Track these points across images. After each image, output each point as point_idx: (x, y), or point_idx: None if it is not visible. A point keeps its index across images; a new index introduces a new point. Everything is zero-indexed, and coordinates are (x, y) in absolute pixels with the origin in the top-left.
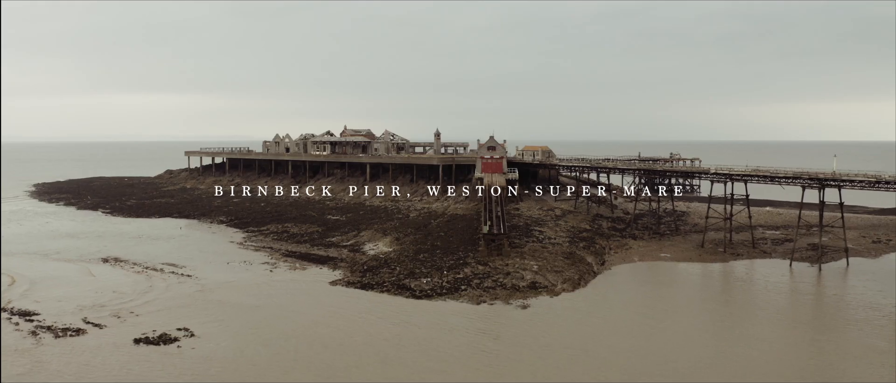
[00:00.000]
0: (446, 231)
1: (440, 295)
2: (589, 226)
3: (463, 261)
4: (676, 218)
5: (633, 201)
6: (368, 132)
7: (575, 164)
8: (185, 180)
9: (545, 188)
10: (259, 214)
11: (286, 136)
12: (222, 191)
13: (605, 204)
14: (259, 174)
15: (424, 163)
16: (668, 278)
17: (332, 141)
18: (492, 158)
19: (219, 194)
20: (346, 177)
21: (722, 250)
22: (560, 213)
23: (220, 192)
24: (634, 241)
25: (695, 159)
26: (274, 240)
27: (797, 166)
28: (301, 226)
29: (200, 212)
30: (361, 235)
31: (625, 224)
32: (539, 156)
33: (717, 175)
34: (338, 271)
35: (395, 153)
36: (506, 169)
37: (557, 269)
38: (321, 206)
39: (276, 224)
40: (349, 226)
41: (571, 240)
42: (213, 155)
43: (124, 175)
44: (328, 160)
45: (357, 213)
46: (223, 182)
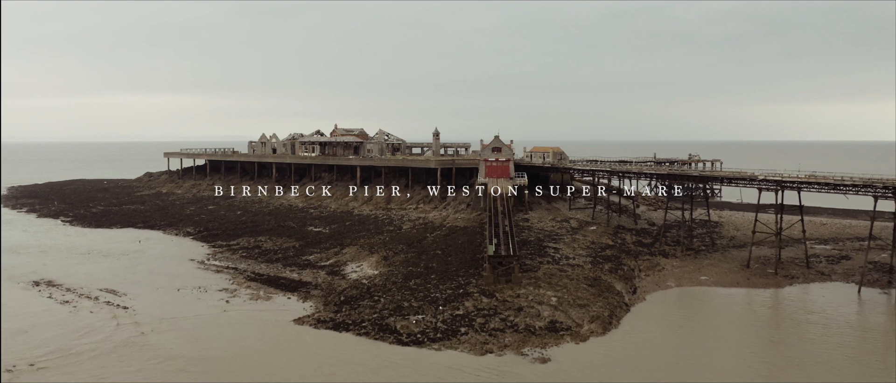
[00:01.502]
0: (444, 248)
1: (433, 341)
2: (611, 241)
3: (463, 290)
4: (710, 230)
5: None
6: (361, 131)
7: (592, 168)
8: (164, 184)
9: (557, 194)
10: (232, 225)
11: (273, 136)
12: (198, 197)
13: (626, 213)
14: (241, 177)
15: (421, 166)
16: (717, 312)
17: (322, 141)
18: (497, 161)
19: (194, 200)
20: (334, 181)
21: (772, 271)
22: (576, 225)
23: (196, 198)
24: (666, 260)
25: (715, 161)
26: (241, 259)
27: (863, 172)
28: (276, 241)
29: (168, 222)
30: (344, 253)
31: (652, 237)
32: (550, 159)
33: (767, 182)
34: (309, 302)
35: (390, 154)
36: (513, 173)
37: (582, 302)
38: (303, 215)
39: (248, 237)
40: (331, 240)
41: (594, 259)
42: (193, 156)
43: (116, 176)
44: (315, 162)
45: (342, 224)
46: (202, 186)
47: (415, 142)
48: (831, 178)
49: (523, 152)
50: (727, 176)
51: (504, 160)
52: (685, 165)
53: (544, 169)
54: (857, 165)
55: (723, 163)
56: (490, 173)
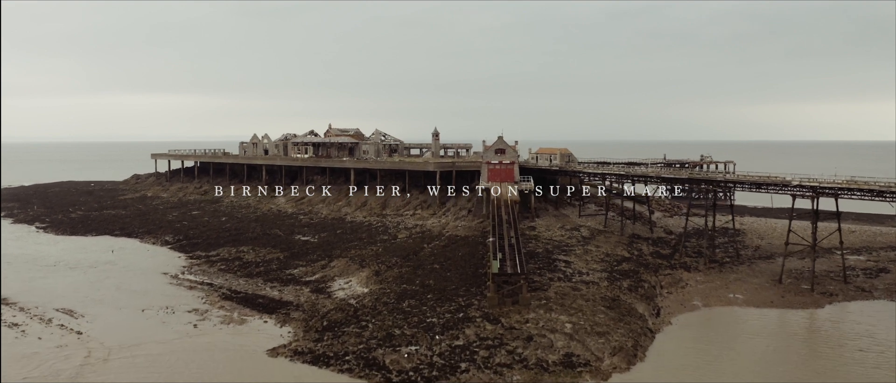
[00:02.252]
0: (443, 261)
1: (429, 381)
2: (627, 252)
3: (464, 314)
4: (732, 238)
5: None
6: (357, 132)
7: (604, 172)
8: (150, 186)
9: (564, 198)
10: (214, 233)
11: (264, 137)
12: (183, 201)
13: (641, 220)
14: (230, 180)
15: (419, 169)
16: (753, 339)
17: (315, 142)
18: (501, 164)
19: (178, 204)
20: (326, 184)
21: (806, 287)
22: (588, 234)
23: (181, 202)
24: (688, 274)
25: (729, 162)
26: (219, 272)
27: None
28: (260, 251)
29: (147, 229)
30: (332, 266)
31: (671, 248)
32: (557, 161)
33: (802, 188)
34: (287, 328)
35: (387, 156)
36: (518, 176)
37: (601, 330)
38: (292, 222)
39: (230, 247)
40: (320, 251)
41: (610, 275)
42: (181, 158)
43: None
44: (307, 164)
45: (333, 233)
46: (189, 189)
47: (413, 143)
48: (875, 185)
49: (528, 154)
50: (756, 180)
51: (508, 163)
52: (697, 167)
53: (551, 172)
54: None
55: (736, 165)
56: (493, 177)
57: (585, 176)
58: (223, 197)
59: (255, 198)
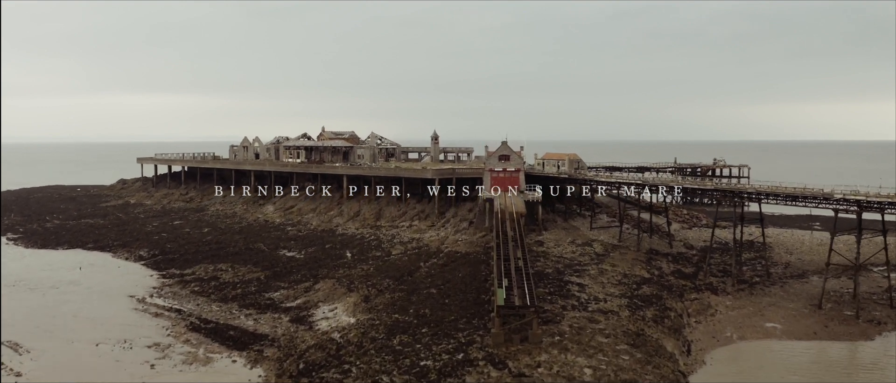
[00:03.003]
0: (440, 284)
1: None
2: (646, 271)
3: (464, 354)
4: (759, 253)
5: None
6: (352, 135)
7: (619, 180)
8: (136, 192)
9: (574, 209)
10: (193, 247)
11: (255, 140)
12: (167, 209)
13: (658, 233)
14: (218, 186)
15: (416, 176)
16: (802, 380)
17: (307, 146)
18: (505, 171)
19: (161, 212)
20: (318, 192)
21: (850, 313)
22: (601, 250)
23: (164, 210)
24: (716, 297)
25: (742, 166)
26: (191, 295)
27: None
28: (239, 270)
29: (123, 242)
30: (317, 289)
31: (693, 265)
32: (566, 167)
33: (846, 202)
34: (258, 369)
35: (383, 161)
36: (523, 186)
37: (627, 376)
38: (278, 234)
39: (208, 263)
40: (305, 269)
41: (630, 301)
42: (167, 162)
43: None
44: (297, 170)
45: (321, 248)
46: (174, 196)
47: (411, 147)
48: None
49: (534, 159)
50: (792, 193)
51: (513, 170)
52: (710, 172)
53: (560, 180)
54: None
55: (750, 169)
56: (497, 185)
57: (598, 185)
58: (209, 205)
59: (242, 206)
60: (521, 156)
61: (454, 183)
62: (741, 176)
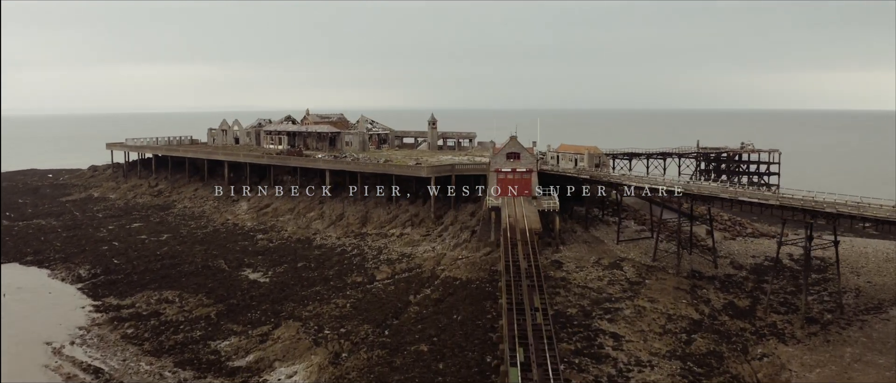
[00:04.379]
0: (435, 336)
1: None
2: (694, 309)
3: None
4: (820, 274)
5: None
6: (340, 118)
7: (652, 185)
8: (104, 181)
9: (593, 212)
10: (144, 262)
11: (235, 123)
12: (130, 205)
13: (698, 247)
14: (189, 177)
15: (410, 174)
16: None
17: (290, 131)
18: (514, 173)
19: (122, 211)
20: (297, 188)
21: None
22: (634, 275)
23: (127, 207)
24: (785, 348)
25: (773, 151)
26: (121, 342)
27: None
28: (188, 301)
29: (66, 253)
30: (276, 337)
31: (746, 294)
32: (584, 162)
33: None
34: None
35: (375, 147)
36: (537, 189)
37: None
38: (245, 245)
39: (155, 289)
40: (267, 303)
41: (683, 365)
42: (138, 149)
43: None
44: (275, 162)
45: (292, 266)
46: (142, 188)
47: (406, 131)
48: None
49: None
50: (886, 217)
51: (524, 171)
52: (736, 156)
53: (578, 180)
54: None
55: (780, 153)
56: (505, 190)
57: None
58: (177, 200)
59: (213, 202)
60: (532, 154)
61: (453, 181)
62: (772, 161)
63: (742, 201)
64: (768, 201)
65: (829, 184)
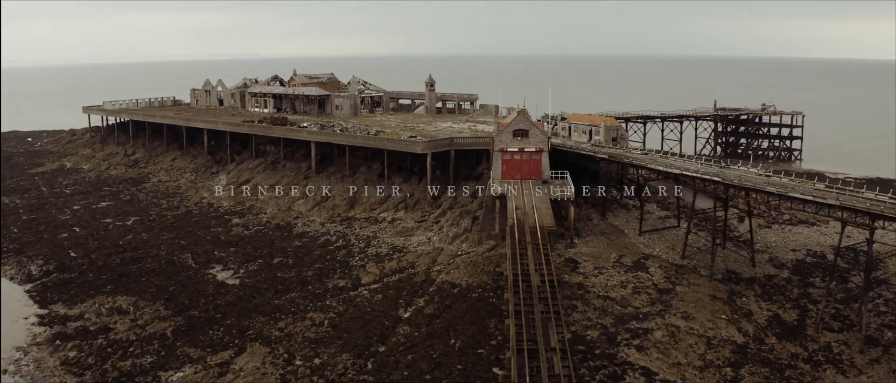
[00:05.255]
0: (428, 368)
1: None
2: (736, 329)
3: None
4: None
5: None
6: (330, 78)
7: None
8: (81, 147)
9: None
10: (103, 255)
11: (219, 84)
12: (101, 178)
13: (730, 238)
14: (168, 145)
15: (404, 150)
16: None
17: (276, 93)
18: (522, 153)
19: (92, 186)
20: (280, 160)
21: None
22: (662, 280)
23: (98, 181)
24: (845, 380)
25: (796, 114)
26: (59, 369)
27: None
28: (144, 311)
29: (21, 242)
30: (237, 368)
31: (792, 303)
32: (600, 136)
33: None
34: None
35: (368, 112)
36: (548, 172)
37: None
38: (218, 232)
39: (109, 294)
40: (234, 315)
41: None
42: (115, 113)
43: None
44: (256, 132)
45: (268, 262)
46: (118, 157)
47: (401, 92)
48: None
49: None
50: None
51: (533, 151)
52: (757, 118)
53: (595, 158)
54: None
55: (804, 116)
56: (511, 172)
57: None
58: (153, 172)
59: (191, 174)
60: (542, 130)
61: (452, 158)
62: (794, 124)
63: (793, 197)
64: (826, 199)
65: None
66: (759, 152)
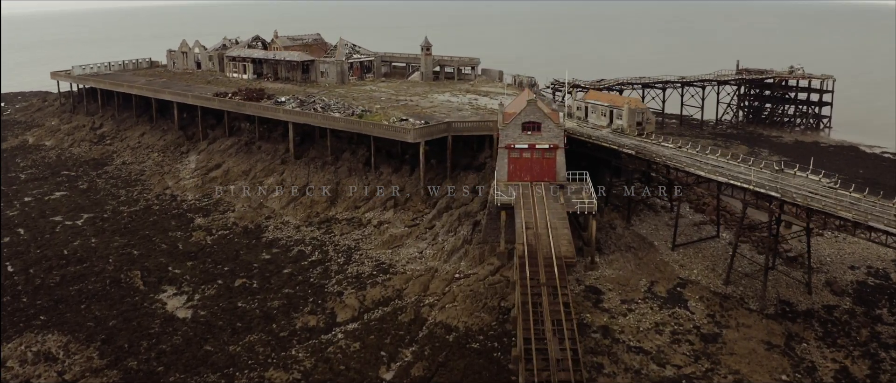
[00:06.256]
0: None
1: None
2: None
3: None
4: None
5: (855, 238)
6: (317, 40)
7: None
8: (48, 118)
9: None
10: (42, 272)
11: (196, 45)
12: (62, 158)
13: (780, 253)
14: (138, 117)
15: (393, 137)
16: None
17: (256, 57)
18: (533, 150)
19: (50, 169)
20: (255, 140)
21: None
22: (705, 323)
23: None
24: None
25: (826, 77)
26: None
27: None
28: (75, 360)
29: None
30: None
31: (860, 349)
32: (623, 120)
33: None
34: None
35: (357, 79)
36: (564, 172)
37: None
38: (174, 240)
39: (39, 330)
40: (180, 365)
41: None
42: (83, 80)
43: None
44: (228, 108)
45: (227, 285)
46: (85, 131)
47: (394, 54)
48: None
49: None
50: None
51: (546, 147)
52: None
53: (618, 154)
54: None
55: (835, 80)
56: (520, 173)
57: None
58: (119, 150)
59: (158, 154)
60: (557, 121)
61: (449, 145)
62: (824, 89)
63: (874, 227)
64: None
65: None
66: (785, 119)
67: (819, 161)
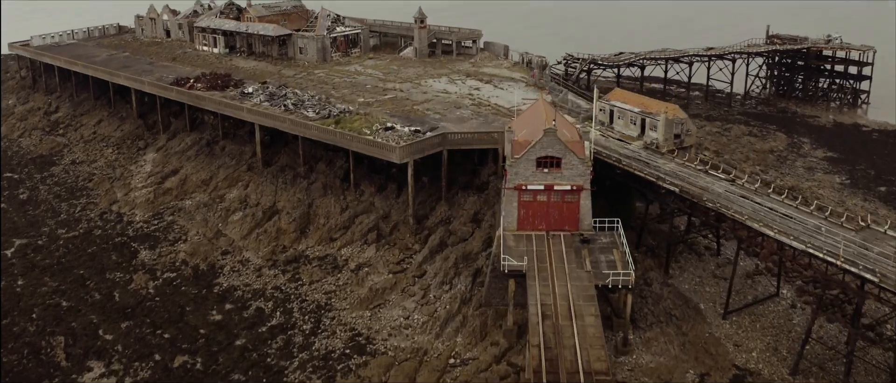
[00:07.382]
0: None
1: None
2: None
3: None
4: None
5: None
6: (297, 8)
7: (812, 251)
8: (8, 94)
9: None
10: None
11: (166, 10)
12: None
13: (870, 330)
14: (96, 99)
15: (375, 155)
16: None
17: (227, 29)
18: (550, 191)
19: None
20: (219, 140)
21: None
22: None
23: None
24: None
25: (866, 48)
26: None
27: None
28: None
29: None
30: None
31: None
32: (659, 133)
33: None
34: None
35: (341, 55)
36: (589, 218)
37: None
38: (112, 283)
39: None
40: None
41: None
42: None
43: None
44: (184, 100)
45: (166, 363)
46: (38, 116)
47: (384, 22)
48: None
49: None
50: None
51: (568, 189)
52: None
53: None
54: None
55: (876, 52)
56: (533, 221)
57: (761, 236)
58: (70, 143)
59: (112, 152)
60: (583, 155)
61: (444, 164)
62: (864, 61)
63: None
64: None
65: None
66: (820, 94)
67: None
